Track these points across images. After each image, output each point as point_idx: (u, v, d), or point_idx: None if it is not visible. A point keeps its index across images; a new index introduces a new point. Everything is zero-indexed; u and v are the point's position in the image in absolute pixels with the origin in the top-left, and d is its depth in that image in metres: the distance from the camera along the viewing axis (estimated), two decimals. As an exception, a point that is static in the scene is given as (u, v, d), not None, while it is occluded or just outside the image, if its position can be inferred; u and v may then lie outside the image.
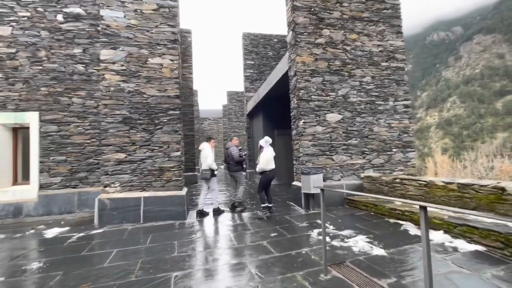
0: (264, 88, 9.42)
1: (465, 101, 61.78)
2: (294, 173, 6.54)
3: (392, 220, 4.57)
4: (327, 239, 3.86)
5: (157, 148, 5.29)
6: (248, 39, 13.01)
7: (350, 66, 6.46)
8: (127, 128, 5.20)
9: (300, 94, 6.08)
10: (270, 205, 5.42)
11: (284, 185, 9.93)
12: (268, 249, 3.56)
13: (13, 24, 6.24)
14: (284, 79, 7.34)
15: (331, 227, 4.47)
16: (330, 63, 6.33)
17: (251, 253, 3.45)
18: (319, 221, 4.80)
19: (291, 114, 6.60)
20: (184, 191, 5.39)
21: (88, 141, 6.34)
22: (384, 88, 6.62)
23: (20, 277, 3.03)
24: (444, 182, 4.28)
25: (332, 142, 6.18)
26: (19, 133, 6.39)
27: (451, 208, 3.82)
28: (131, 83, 5.28)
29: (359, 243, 3.61)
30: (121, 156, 5.14)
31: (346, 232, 4.13)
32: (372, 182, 5.92)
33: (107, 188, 5.05)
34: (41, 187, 6.11)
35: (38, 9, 6.38)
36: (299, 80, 6.10)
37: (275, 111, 10.47)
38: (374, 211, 5.13)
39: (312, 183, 5.47)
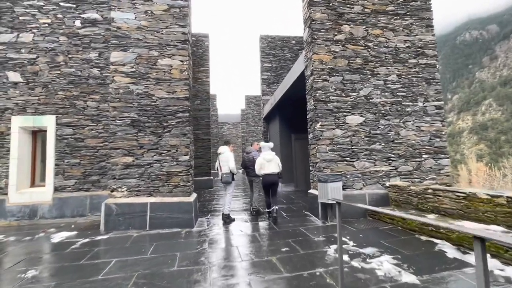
0: (280, 91, 9.03)
1: (503, 104, 56.91)
2: (311, 180, 6.04)
3: (424, 238, 3.93)
4: (346, 257, 3.35)
5: (165, 151, 5.07)
6: (265, 41, 12.73)
7: (373, 64, 5.88)
8: (135, 131, 5.04)
9: (317, 94, 5.61)
10: (270, 210, 5.40)
11: (302, 192, 9.38)
12: (277, 268, 3.12)
13: (35, 30, 6.42)
14: (301, 80, 6.90)
15: (351, 242, 3.93)
16: (351, 61, 5.81)
17: (257, 271, 3.03)
18: (335, 235, 4.27)
19: (307, 117, 6.14)
20: (192, 198, 5.11)
21: (101, 144, 6.30)
22: (412, 88, 5.95)
23: (9, 286, 2.85)
24: (489, 195, 3.59)
25: (353, 147, 5.61)
26: (38, 136, 6.52)
27: None
28: (140, 85, 5.14)
29: (384, 265, 3.06)
30: (129, 159, 4.97)
31: (368, 250, 3.57)
32: (399, 192, 5.27)
33: (114, 193, 4.89)
34: (56, 189, 6.14)
35: (58, 15, 6.53)
36: (316, 80, 5.64)
37: (292, 115, 10.01)
38: (402, 225, 4.49)
39: (330, 192, 4.95)
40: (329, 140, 5.55)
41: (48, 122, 6.23)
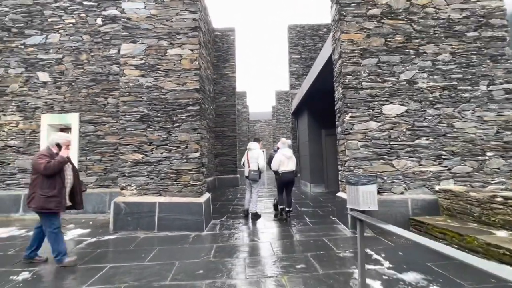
0: (308, 82, 8.18)
1: None
2: (339, 182, 5.18)
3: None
4: (378, 285, 2.54)
5: (174, 148, 4.70)
6: (294, 31, 11.87)
7: (417, 41, 4.79)
8: (144, 127, 4.76)
9: (347, 81, 4.73)
10: (282, 206, 5.24)
11: (332, 194, 8.42)
12: (284, 293, 2.46)
13: (61, 31, 6.58)
14: (328, 67, 6.02)
15: (386, 263, 3.07)
16: (389, 39, 4.79)
17: (259, 297, 2.41)
18: (369, 251, 3.43)
19: (335, 108, 5.27)
20: (203, 198, 4.66)
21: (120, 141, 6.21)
22: (471, 68, 4.72)
23: (-8, 292, 2.65)
24: None
25: (391, 143, 4.63)
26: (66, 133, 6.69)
27: None
28: (150, 77, 4.83)
29: (434, 304, 2.20)
30: (138, 156, 4.70)
31: (410, 277, 2.71)
32: (454, 199, 4.16)
33: (124, 191, 4.67)
34: (79, 185, 6.21)
35: (82, 15, 6.61)
36: (344, 64, 4.76)
37: (321, 108, 9.07)
38: (458, 243, 3.46)
39: (362, 197, 4.08)
40: (362, 134, 4.64)
41: (72, 120, 6.33)
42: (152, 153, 4.71)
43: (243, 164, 5.53)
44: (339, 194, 5.03)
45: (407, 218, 4.42)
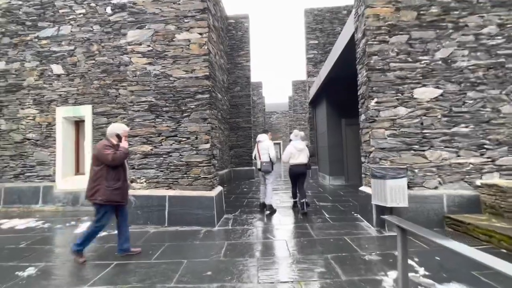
0: (326, 67, 7.60)
1: None
2: (362, 175, 4.71)
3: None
4: (414, 299, 2.14)
5: (184, 139, 4.45)
6: (311, 15, 11.17)
7: (457, 12, 4.13)
8: (153, 117, 4.53)
9: (372, 62, 4.20)
10: (295, 200, 5.33)
11: (353, 187, 7.92)
12: (300, 304, 2.13)
13: (72, 22, 6.49)
14: (350, 48, 5.46)
15: (421, 270, 2.64)
16: (422, 12, 4.17)
17: (271, 307, 2.10)
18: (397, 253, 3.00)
19: (358, 93, 4.75)
20: (214, 192, 4.40)
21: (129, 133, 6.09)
22: (523, 42, 4.00)
23: (-7, 290, 2.54)
24: None
25: (424, 131, 4.08)
26: (81, 126, 6.69)
27: None
28: (157, 65, 4.57)
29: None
30: (147, 148, 4.51)
31: (452, 289, 2.27)
32: (501, 195, 3.58)
33: (133, 184, 4.51)
34: (94, 178, 6.20)
35: (91, 4, 6.46)
36: (369, 42, 4.21)
37: (341, 96, 8.45)
38: (508, 247, 2.93)
39: (389, 192, 3.62)
40: (389, 121, 4.12)
41: (85, 112, 6.28)
42: (161, 145, 4.49)
43: (255, 157, 5.50)
44: (362, 188, 4.57)
45: (441, 216, 3.90)
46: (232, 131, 11.19)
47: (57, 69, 6.46)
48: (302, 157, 5.10)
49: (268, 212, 5.00)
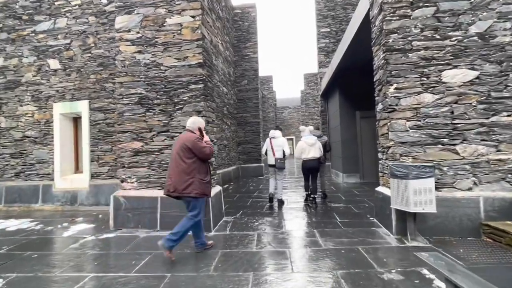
0: (338, 54, 6.92)
1: None
2: (380, 173, 4.10)
3: None
4: None
5: (177, 134, 4.02)
6: (322, 1, 10.43)
7: (497, -23, 3.40)
8: (143, 111, 4.14)
9: (390, 41, 3.56)
10: (308, 192, 5.43)
11: (369, 185, 7.26)
12: None
13: (68, 14, 6.22)
14: (365, 30, 4.80)
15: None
16: (452, -21, 3.47)
17: None
18: (425, 271, 2.42)
19: (374, 79, 4.13)
20: (211, 193, 3.95)
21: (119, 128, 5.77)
22: None
23: None
24: None
25: (454, 121, 3.42)
26: (79, 122, 6.46)
27: None
28: (147, 53, 4.16)
29: None
30: (138, 145, 4.13)
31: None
32: (556, 199, 2.88)
33: (124, 184, 4.16)
34: (92, 176, 5.96)
35: (87, -6, 6.15)
36: (388, 18, 3.58)
37: (355, 86, 7.76)
38: None
39: (413, 194, 3.02)
40: (411, 111, 3.49)
41: (82, 108, 6.02)
42: (153, 141, 4.09)
43: (265, 153, 5.50)
44: (379, 189, 3.97)
45: (477, 223, 3.25)
46: (240, 126, 10.74)
47: (53, 64, 6.23)
48: (313, 152, 5.16)
49: (277, 205, 5.23)
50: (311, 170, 5.25)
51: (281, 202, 5.26)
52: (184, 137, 2.97)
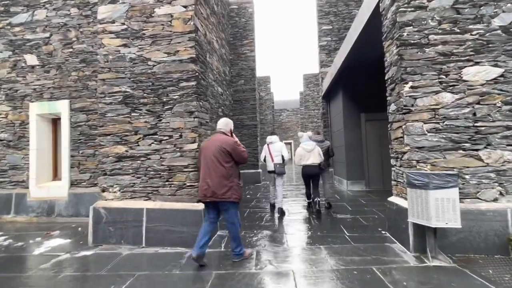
0: (343, 52, 6.74)
1: None
2: (393, 181, 3.86)
3: None
4: None
5: (165, 138, 3.75)
6: (324, -3, 10.30)
7: (521, -35, 3.23)
8: (128, 111, 3.86)
9: (405, 34, 3.36)
10: (309, 200, 5.51)
11: (376, 194, 7.04)
12: None
13: (48, 6, 5.93)
14: (374, 24, 4.62)
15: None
16: (472, -33, 3.30)
17: None
18: (456, 301, 2.16)
19: (386, 77, 3.91)
20: (202, 205, 3.67)
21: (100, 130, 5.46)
22: None
23: None
24: None
25: (477, 124, 3.21)
26: (58, 124, 6.13)
27: None
28: (133, 47, 3.89)
29: None
30: (122, 149, 3.84)
31: None
32: None
33: (105, 193, 3.85)
34: (72, 184, 5.62)
35: (69, -16, 5.89)
36: (402, 9, 3.38)
37: (360, 86, 7.58)
38: None
39: (434, 206, 2.78)
40: (429, 112, 3.28)
41: (62, 108, 5.70)
42: (138, 145, 3.81)
43: (264, 160, 5.55)
44: (393, 199, 3.72)
45: (505, 238, 3.02)
46: (236, 129, 10.45)
47: (31, 59, 5.92)
48: (312, 158, 5.18)
49: (278, 215, 5.11)
50: (311, 176, 5.28)
51: (281, 212, 5.14)
52: (220, 140, 2.97)
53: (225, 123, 3.14)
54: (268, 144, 5.42)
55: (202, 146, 3.07)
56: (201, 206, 3.61)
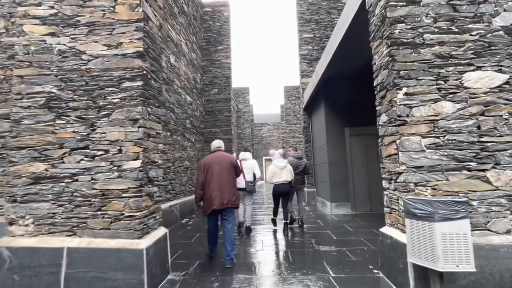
0: (325, 60, 6.47)
1: None
2: (386, 208, 3.40)
3: None
4: None
5: (100, 153, 3.06)
6: (305, 4, 10.29)
7: (520, -39, 3.05)
8: (52, 117, 3.16)
9: (396, 32, 3.02)
10: (275, 218, 5.94)
11: (363, 218, 6.61)
12: None
13: (-29, -10, 5.17)
14: (359, 26, 4.33)
15: None
16: (468, -39, 3.07)
17: None
18: None
19: (374, 83, 3.55)
20: (147, 241, 2.98)
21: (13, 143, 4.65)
22: None
23: None
24: None
25: (482, 139, 2.85)
26: (-23, 135, 5.19)
27: None
28: (64, 36, 3.26)
29: None
30: (40, 168, 3.09)
31: None
32: None
33: (13, 227, 3.04)
34: (-13, 211, 4.65)
35: (1, -33, 5.19)
36: (392, 3, 3.06)
37: (344, 97, 7.34)
38: None
39: (442, 244, 2.30)
40: (427, 124, 2.89)
41: (-20, 114, 4.82)
42: (63, 162, 3.08)
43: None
44: (386, 230, 3.24)
45: (522, 279, 2.59)
46: (207, 143, 9.82)
47: None
48: (285, 175, 5.43)
49: (247, 232, 5.43)
50: (282, 194, 5.56)
51: (248, 230, 5.48)
52: (227, 156, 3.96)
53: (219, 143, 4.12)
54: (240, 161, 5.51)
55: (207, 162, 3.76)
56: (144, 243, 2.91)
